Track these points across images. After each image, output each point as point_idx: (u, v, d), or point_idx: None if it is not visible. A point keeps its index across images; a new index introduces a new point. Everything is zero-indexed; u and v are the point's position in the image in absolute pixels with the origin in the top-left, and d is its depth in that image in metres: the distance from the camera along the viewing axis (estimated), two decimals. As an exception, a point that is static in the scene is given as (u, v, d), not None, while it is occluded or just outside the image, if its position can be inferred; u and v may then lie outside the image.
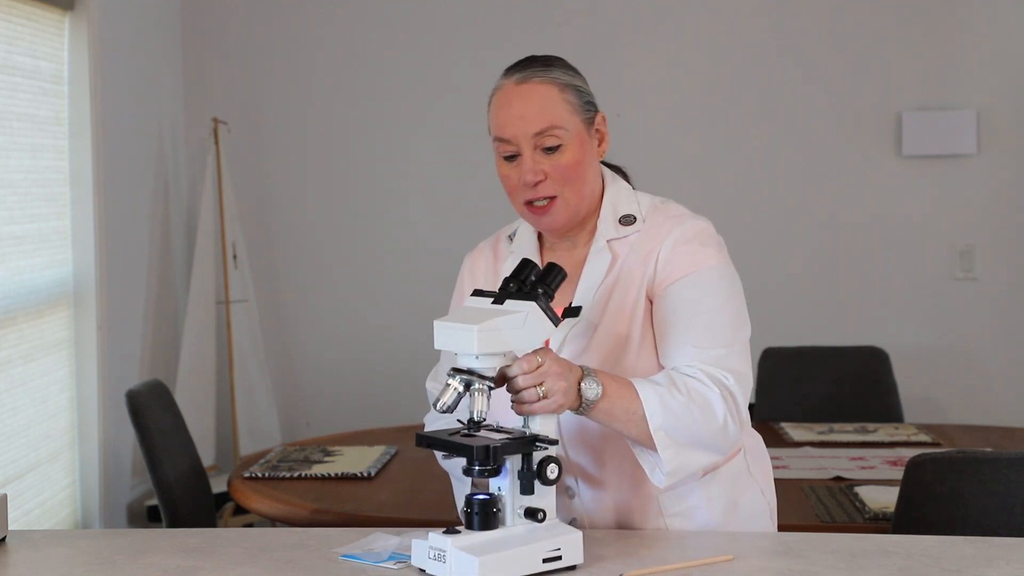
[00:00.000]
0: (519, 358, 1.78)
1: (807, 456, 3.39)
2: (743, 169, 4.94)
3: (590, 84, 2.06)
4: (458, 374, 1.79)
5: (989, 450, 2.90)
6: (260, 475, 3.22)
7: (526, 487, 1.75)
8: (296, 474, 3.22)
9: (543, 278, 1.83)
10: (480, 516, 1.74)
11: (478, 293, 1.86)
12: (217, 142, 4.86)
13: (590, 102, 2.03)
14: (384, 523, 2.56)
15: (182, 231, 5.00)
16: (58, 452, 3.98)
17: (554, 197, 1.98)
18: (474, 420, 1.79)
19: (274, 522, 3.30)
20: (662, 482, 1.87)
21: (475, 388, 1.78)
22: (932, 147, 4.81)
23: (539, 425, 1.79)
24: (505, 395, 1.82)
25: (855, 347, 4.24)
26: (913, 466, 2.53)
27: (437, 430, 1.85)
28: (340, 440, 3.74)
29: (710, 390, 1.87)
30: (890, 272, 4.89)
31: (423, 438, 1.81)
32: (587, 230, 2.05)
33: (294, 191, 5.10)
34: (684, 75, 4.94)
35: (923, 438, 3.60)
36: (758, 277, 4.30)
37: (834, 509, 2.84)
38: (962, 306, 4.86)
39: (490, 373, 1.78)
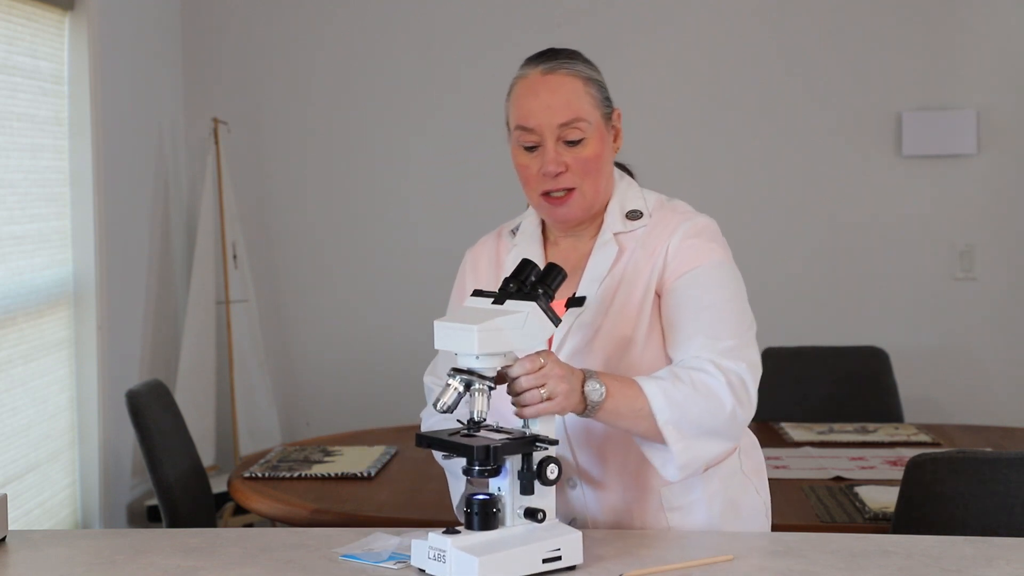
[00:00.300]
0: (520, 359, 1.78)
1: (807, 456, 3.39)
2: (743, 169, 4.94)
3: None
4: (458, 374, 1.79)
5: (989, 450, 2.90)
6: (260, 475, 3.22)
7: (526, 487, 1.75)
8: (296, 474, 3.22)
9: (543, 278, 1.84)
10: (480, 516, 1.74)
11: (478, 293, 1.86)
12: (217, 142, 4.86)
13: (608, 97, 2.05)
14: (384, 523, 2.56)
15: (182, 231, 5.00)
16: (58, 452, 3.98)
17: (572, 189, 2.00)
18: (474, 420, 1.79)
19: (274, 522, 3.30)
20: (675, 476, 1.88)
21: (475, 388, 1.78)
22: (932, 147, 4.81)
23: (539, 425, 1.79)
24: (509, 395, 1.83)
25: (855, 347, 4.24)
26: (913, 466, 2.54)
27: (436, 430, 1.85)
28: (340, 440, 3.74)
29: (715, 379, 1.87)
30: (890, 272, 4.89)
31: (423, 438, 1.81)
32: (594, 225, 2.07)
33: (294, 191, 5.10)
34: (684, 75, 4.94)
35: (923, 438, 3.60)
36: (758, 277, 4.29)
37: (834, 509, 2.84)
38: (962, 306, 4.86)
39: (490, 373, 1.78)
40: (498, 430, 1.81)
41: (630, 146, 2.13)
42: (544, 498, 1.77)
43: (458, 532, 1.72)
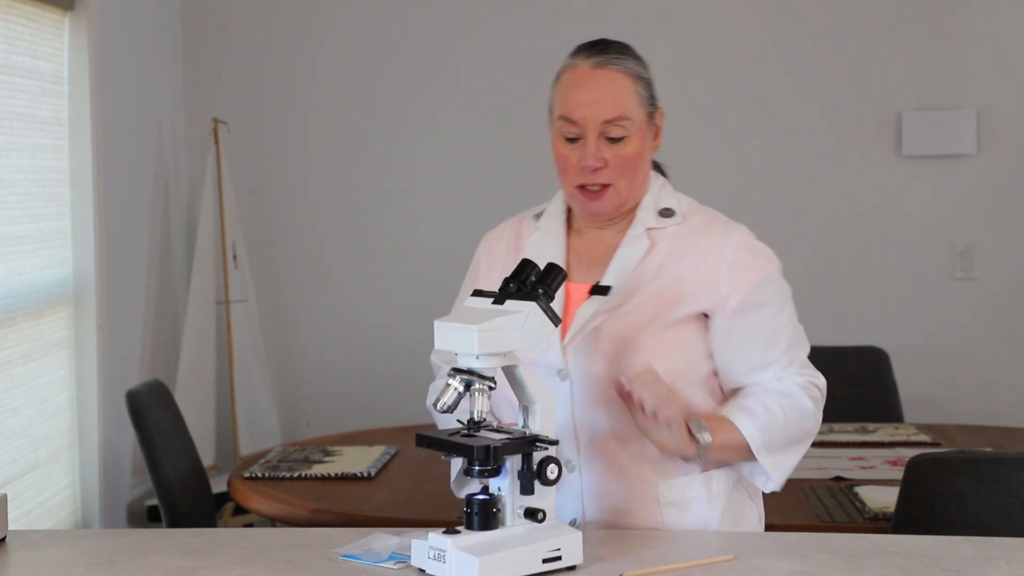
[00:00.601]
0: (644, 374, 1.85)
1: (807, 456, 3.36)
2: (743, 169, 4.94)
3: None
4: (458, 374, 1.79)
5: (989, 450, 2.90)
6: (260, 475, 3.22)
7: (526, 487, 1.75)
8: (296, 474, 3.22)
9: (543, 278, 1.84)
10: (480, 516, 1.74)
11: (478, 293, 1.87)
12: (217, 142, 4.86)
13: (654, 96, 2.06)
14: (384, 523, 2.56)
15: (182, 231, 5.00)
16: (58, 452, 3.98)
17: (608, 185, 2.01)
18: (474, 420, 1.79)
19: (274, 522, 3.30)
20: (776, 488, 2.02)
21: (475, 388, 1.78)
22: (932, 147, 4.81)
23: (539, 425, 1.79)
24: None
25: (855, 347, 4.24)
26: (913, 466, 2.54)
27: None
28: (340, 440, 3.74)
29: (803, 401, 2.00)
30: (890, 272, 4.89)
31: (423, 438, 1.81)
32: (624, 220, 2.07)
33: (294, 191, 5.10)
34: (684, 75, 4.94)
35: (923, 438, 3.60)
36: (758, 277, 4.29)
37: (834, 509, 2.84)
38: (962, 306, 4.86)
39: (490, 373, 1.78)
40: (498, 430, 1.81)
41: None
42: (544, 498, 1.77)
43: (458, 532, 1.72)
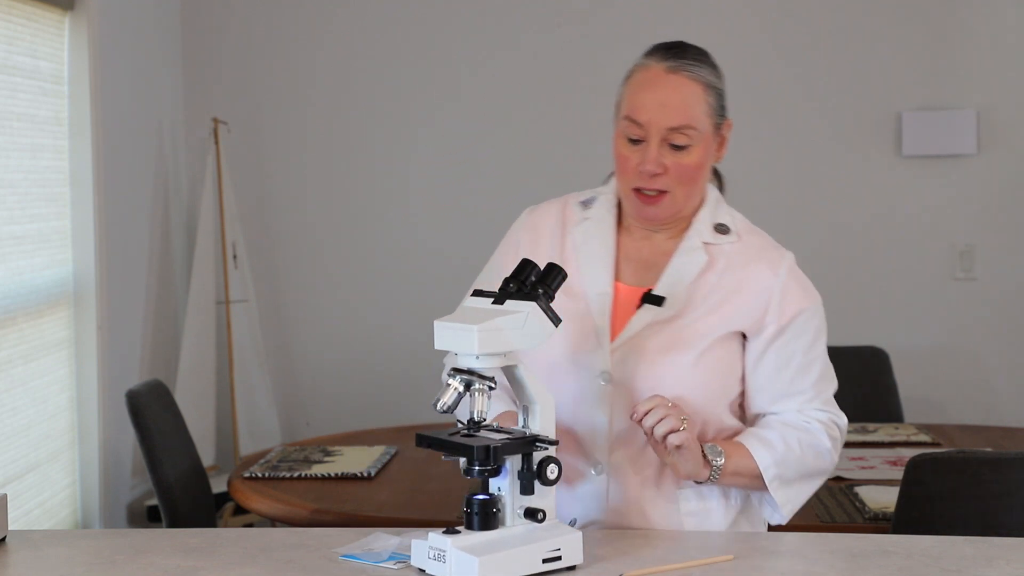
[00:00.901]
0: (650, 400, 1.86)
1: (807, 456, 3.38)
2: (742, 169, 4.91)
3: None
4: (458, 374, 1.79)
5: (989, 450, 2.90)
6: (260, 475, 3.22)
7: (526, 487, 1.75)
8: (296, 474, 3.22)
9: (543, 278, 1.83)
10: (480, 516, 1.74)
11: (478, 293, 1.87)
12: (217, 142, 4.86)
13: (724, 106, 2.04)
14: (384, 523, 2.56)
15: (182, 231, 5.00)
16: (58, 452, 3.98)
17: (665, 192, 1.99)
18: (474, 420, 1.79)
19: (274, 522, 3.30)
20: (781, 521, 2.01)
21: (475, 388, 1.78)
22: (932, 147, 4.81)
23: (539, 425, 1.79)
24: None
25: (855, 347, 4.23)
26: (913, 466, 2.54)
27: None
28: (340, 440, 3.74)
29: (823, 443, 2.01)
30: (890, 272, 4.89)
31: (423, 438, 1.81)
32: (677, 226, 2.06)
33: (294, 191, 5.10)
34: (684, 75, 4.93)
35: (923, 438, 3.60)
36: (758, 277, 4.30)
37: (834, 509, 2.84)
38: (962, 306, 4.85)
39: (490, 373, 1.78)
40: (498, 430, 1.81)
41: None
42: (544, 498, 1.77)
43: (458, 532, 1.72)
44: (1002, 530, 2.41)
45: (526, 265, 1.85)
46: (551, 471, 1.76)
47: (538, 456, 1.76)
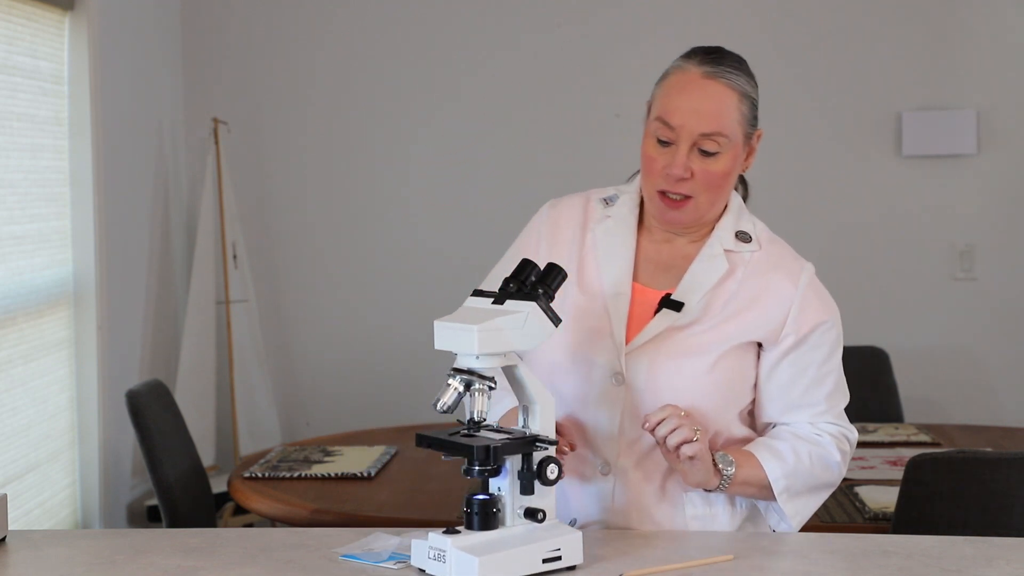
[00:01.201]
0: (663, 410, 1.85)
1: (807, 456, 3.38)
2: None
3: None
4: (458, 374, 1.79)
5: (989, 450, 2.90)
6: (260, 475, 3.22)
7: (526, 487, 1.75)
8: (296, 474, 3.22)
9: (543, 278, 1.83)
10: (480, 516, 1.74)
11: (478, 293, 1.87)
12: (217, 142, 4.86)
13: (756, 116, 2.04)
14: (384, 523, 2.56)
15: (182, 231, 5.00)
16: (58, 452, 3.98)
17: (690, 197, 1.98)
18: (474, 420, 1.79)
19: (274, 522, 3.30)
20: (788, 529, 2.00)
21: (475, 388, 1.78)
22: (932, 147, 4.81)
23: (539, 425, 1.79)
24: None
25: (855, 347, 4.21)
26: (913, 466, 2.54)
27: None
28: (340, 440, 3.74)
29: (833, 456, 2.02)
30: (890, 272, 4.89)
31: (423, 438, 1.81)
32: (698, 231, 2.06)
33: (294, 191, 5.10)
34: (684, 75, 4.93)
35: (923, 438, 3.60)
36: (758, 277, 4.30)
37: (834, 509, 2.84)
38: (962, 306, 4.86)
39: (490, 373, 1.78)
40: (498, 430, 1.81)
41: (630, 147, 2.12)
42: (544, 498, 1.77)
43: (458, 532, 1.72)
44: (1002, 530, 2.41)
45: (526, 265, 1.85)
46: (551, 471, 1.76)
47: (538, 456, 1.76)
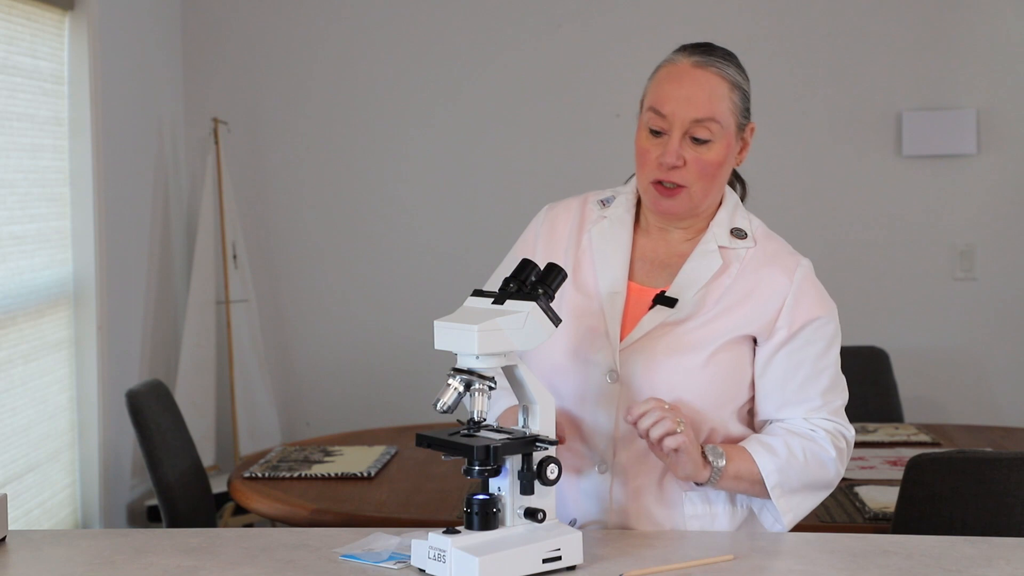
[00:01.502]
0: (646, 403, 1.85)
1: (807, 456, 3.38)
2: (742, 169, 4.92)
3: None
4: (458, 374, 1.79)
5: (989, 450, 2.90)
6: (260, 475, 3.22)
7: (526, 487, 1.75)
8: (296, 474, 3.22)
9: (543, 278, 1.83)
10: (480, 516, 1.74)
11: (478, 293, 1.87)
12: (217, 142, 4.86)
13: (749, 109, 2.07)
14: (384, 523, 2.56)
15: (182, 231, 5.00)
16: (58, 452, 3.98)
17: (683, 186, 1.99)
18: (474, 420, 1.79)
19: (274, 522, 3.31)
20: (782, 530, 1.99)
21: (475, 388, 1.78)
22: (932, 147, 4.81)
23: (539, 425, 1.79)
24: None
25: (855, 347, 4.23)
26: (913, 466, 2.54)
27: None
28: (340, 440, 3.74)
29: (826, 449, 1.97)
30: (890, 272, 4.89)
31: (423, 438, 1.81)
32: (693, 227, 2.06)
33: (294, 191, 5.10)
34: (684, 75, 4.93)
35: (923, 438, 3.60)
36: (758, 277, 4.29)
37: (834, 509, 2.84)
38: (962, 306, 4.86)
39: (490, 373, 1.78)
40: (498, 430, 1.81)
41: (629, 147, 2.11)
42: (544, 498, 1.77)
43: (458, 532, 1.73)
44: (1002, 530, 2.41)
45: (526, 265, 1.85)
46: (551, 471, 1.76)
47: (538, 456, 1.76)
